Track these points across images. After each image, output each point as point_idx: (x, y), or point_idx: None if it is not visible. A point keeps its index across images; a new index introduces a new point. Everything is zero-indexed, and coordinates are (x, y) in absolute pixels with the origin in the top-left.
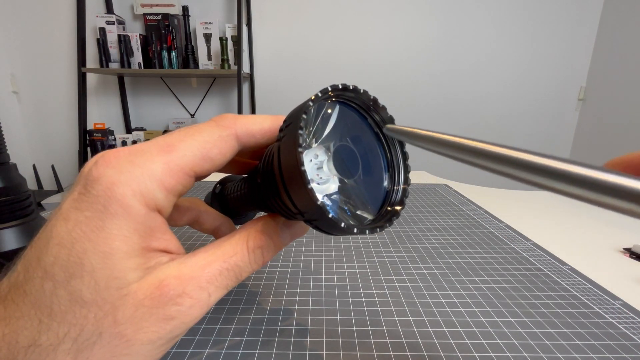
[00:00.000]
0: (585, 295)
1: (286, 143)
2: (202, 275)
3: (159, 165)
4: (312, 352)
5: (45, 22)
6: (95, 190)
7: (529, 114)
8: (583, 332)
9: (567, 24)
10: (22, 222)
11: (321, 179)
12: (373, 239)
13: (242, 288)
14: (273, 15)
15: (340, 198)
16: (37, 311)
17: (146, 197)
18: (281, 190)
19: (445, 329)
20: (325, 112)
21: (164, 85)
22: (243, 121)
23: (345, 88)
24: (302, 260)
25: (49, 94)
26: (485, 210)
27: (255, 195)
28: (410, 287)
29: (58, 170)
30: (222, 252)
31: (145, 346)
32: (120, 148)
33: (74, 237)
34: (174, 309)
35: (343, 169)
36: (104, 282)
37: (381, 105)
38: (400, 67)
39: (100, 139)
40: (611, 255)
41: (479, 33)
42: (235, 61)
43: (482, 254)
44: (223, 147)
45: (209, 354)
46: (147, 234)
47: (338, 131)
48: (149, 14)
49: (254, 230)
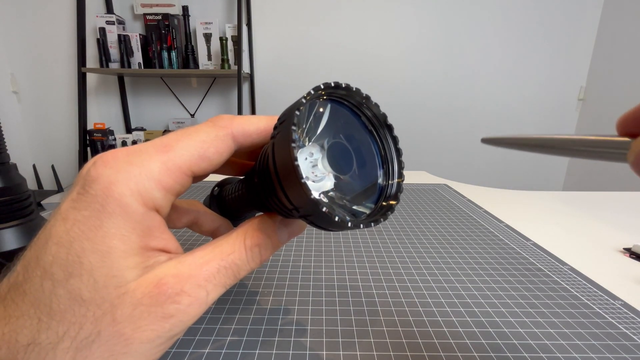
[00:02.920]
0: (585, 295)
1: (280, 140)
2: (200, 273)
3: (156, 164)
4: (312, 352)
5: (45, 22)
6: (93, 190)
7: (529, 114)
8: (583, 332)
9: (567, 24)
10: (22, 222)
11: (316, 176)
12: (373, 238)
13: (242, 288)
14: (273, 15)
15: (336, 195)
16: (36, 310)
17: (144, 197)
18: (276, 186)
19: (445, 329)
20: (317, 110)
21: (164, 85)
22: (239, 121)
23: (337, 86)
24: (302, 260)
25: (49, 94)
26: (485, 210)
27: (252, 196)
28: (410, 286)
29: (58, 170)
30: (220, 250)
31: (144, 345)
32: (118, 149)
33: (72, 237)
34: (173, 307)
35: (337, 165)
36: (103, 280)
37: (374, 102)
38: (400, 67)
39: (100, 139)
40: (611, 255)
41: (478, 33)
42: (235, 61)
43: (482, 254)
44: (220, 147)
45: (209, 354)
46: (145, 233)
47: (331, 129)
48: (149, 14)
49: (251, 228)
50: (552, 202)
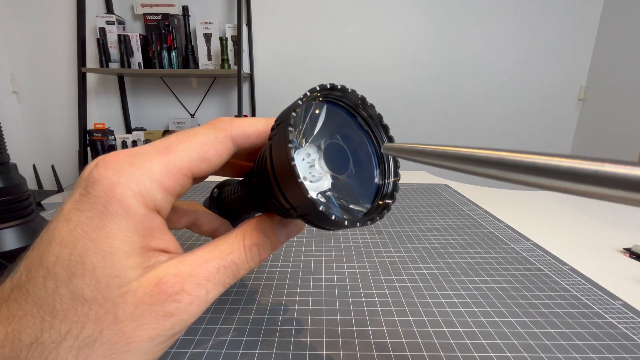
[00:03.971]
0: (585, 295)
1: (277, 140)
2: (200, 272)
3: (157, 166)
4: (312, 352)
5: (45, 22)
6: (95, 191)
7: (529, 114)
8: (583, 332)
9: (567, 24)
10: (22, 222)
11: (314, 176)
12: (373, 239)
13: (242, 288)
14: (273, 16)
15: (334, 194)
16: (39, 309)
17: (145, 198)
18: (274, 186)
19: (445, 329)
20: (314, 112)
21: (164, 85)
22: (238, 123)
23: (333, 87)
24: (302, 259)
25: (49, 94)
26: (485, 210)
27: (251, 196)
28: (410, 287)
29: (58, 170)
30: (220, 250)
31: (145, 343)
32: (120, 151)
33: (75, 237)
34: (173, 306)
35: (334, 165)
36: (105, 280)
37: (369, 103)
38: (400, 66)
39: (100, 139)
40: (611, 255)
41: (478, 33)
42: (235, 61)
43: (482, 254)
44: (219, 149)
45: (209, 354)
46: (147, 234)
47: (328, 130)
48: (149, 14)
49: (250, 228)
50: (552, 202)
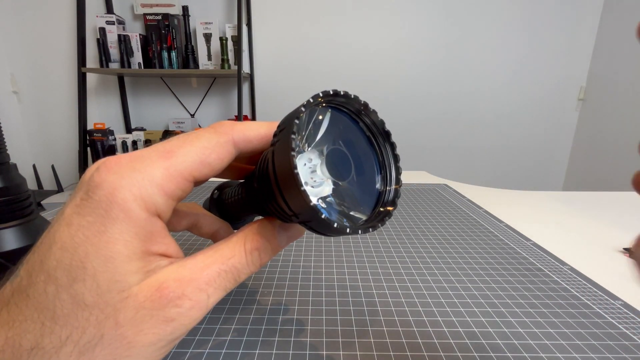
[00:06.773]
0: (585, 295)
1: (280, 148)
2: (201, 277)
3: (159, 170)
4: (312, 352)
5: (45, 22)
6: (97, 195)
7: (529, 114)
8: (583, 332)
9: (567, 24)
10: (22, 222)
11: (315, 182)
12: (373, 239)
13: (242, 288)
14: (273, 16)
15: (335, 200)
16: (40, 314)
17: (147, 202)
18: (276, 193)
19: (445, 329)
20: (317, 117)
21: (164, 85)
22: (240, 127)
23: (336, 94)
24: (302, 260)
25: (49, 94)
26: (485, 210)
27: (252, 200)
28: (410, 287)
29: (58, 170)
30: (220, 254)
31: (146, 348)
32: (121, 155)
33: (76, 242)
34: (174, 310)
35: (336, 171)
36: (106, 285)
37: (372, 109)
38: (401, 66)
39: (100, 139)
40: (611, 255)
41: (478, 33)
42: (235, 61)
43: (482, 254)
44: (221, 153)
45: (209, 354)
46: (148, 238)
47: (330, 135)
48: (149, 14)
49: (251, 232)
50: (552, 202)
